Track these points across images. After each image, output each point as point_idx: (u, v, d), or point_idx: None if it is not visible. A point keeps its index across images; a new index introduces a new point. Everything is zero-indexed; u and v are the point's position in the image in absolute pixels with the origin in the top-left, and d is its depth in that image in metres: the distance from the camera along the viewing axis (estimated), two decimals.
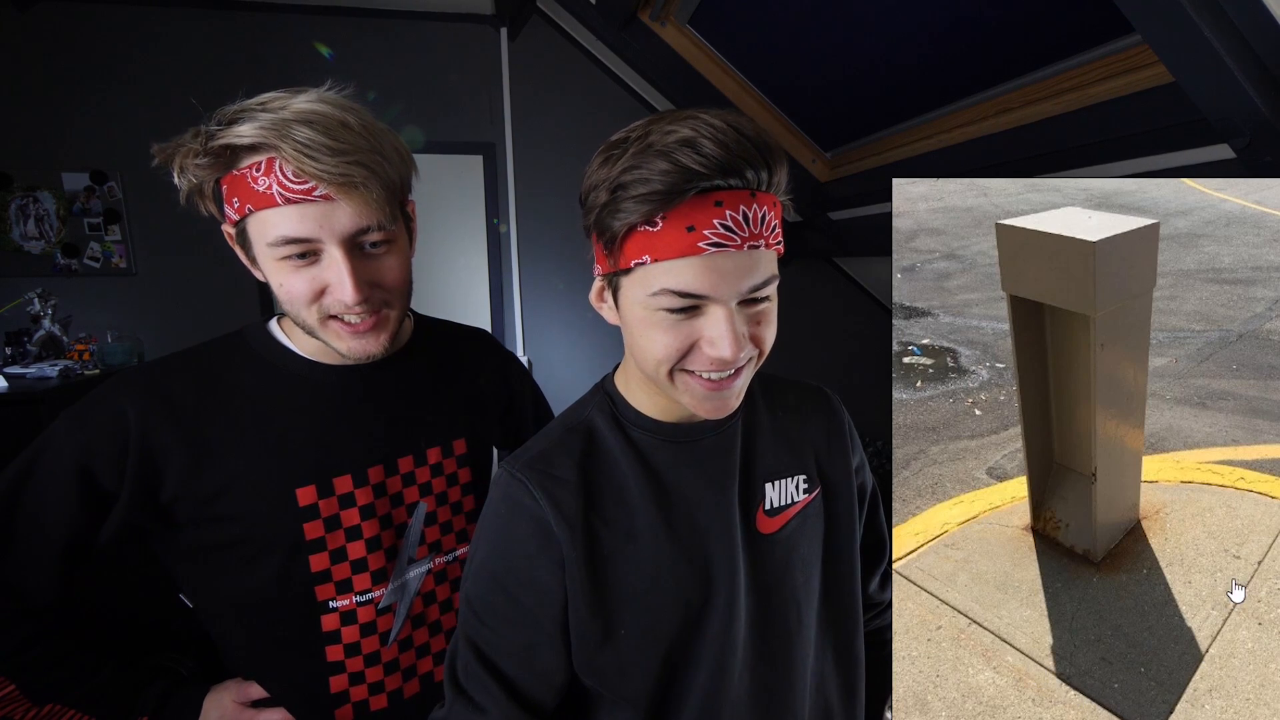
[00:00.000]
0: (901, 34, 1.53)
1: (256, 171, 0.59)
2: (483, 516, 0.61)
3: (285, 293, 0.64)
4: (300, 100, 0.61)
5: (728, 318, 0.51)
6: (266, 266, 0.64)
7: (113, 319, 2.52)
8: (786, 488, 0.65)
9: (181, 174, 0.63)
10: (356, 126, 0.62)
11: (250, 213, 0.61)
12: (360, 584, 0.72)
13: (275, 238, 0.61)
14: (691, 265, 0.50)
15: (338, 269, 0.62)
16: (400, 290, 0.69)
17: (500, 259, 2.81)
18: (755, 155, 0.50)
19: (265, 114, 0.59)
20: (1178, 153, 1.16)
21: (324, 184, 0.59)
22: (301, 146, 0.58)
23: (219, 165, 0.61)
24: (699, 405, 0.56)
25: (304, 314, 0.65)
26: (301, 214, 0.60)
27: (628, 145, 0.51)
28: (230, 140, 0.59)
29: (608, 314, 0.59)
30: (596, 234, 0.55)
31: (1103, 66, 1.22)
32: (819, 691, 0.67)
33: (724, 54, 2.10)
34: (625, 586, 0.58)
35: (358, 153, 0.60)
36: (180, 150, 0.62)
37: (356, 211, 0.61)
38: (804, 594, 0.64)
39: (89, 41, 2.39)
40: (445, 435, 0.79)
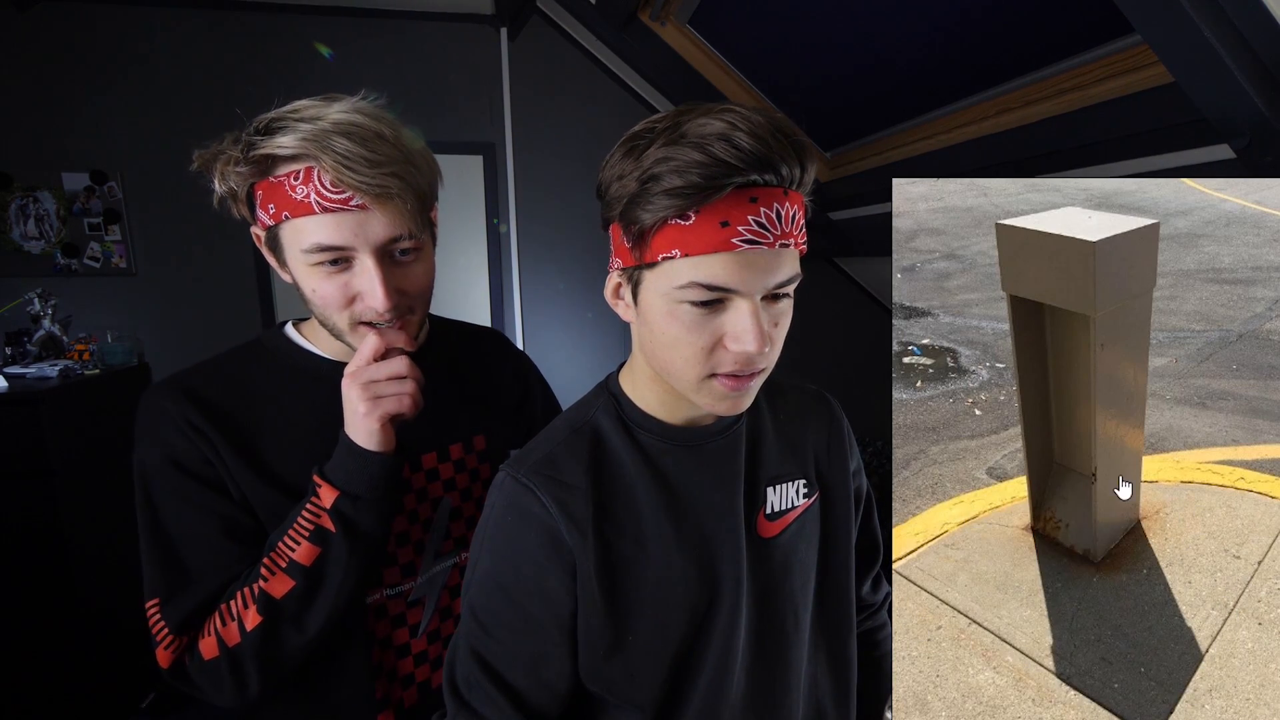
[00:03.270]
0: (901, 34, 1.53)
1: (295, 180, 0.61)
2: (484, 522, 0.60)
3: (319, 298, 0.66)
4: (337, 111, 0.63)
5: (753, 312, 0.50)
6: (298, 271, 0.66)
7: (113, 319, 2.52)
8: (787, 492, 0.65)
9: (221, 180, 0.65)
10: (391, 138, 0.64)
11: (286, 219, 0.63)
12: (390, 578, 0.74)
13: (311, 244, 0.63)
14: (722, 260, 0.49)
15: (369, 276, 0.64)
16: (424, 296, 0.72)
17: (500, 259, 2.80)
18: (790, 151, 0.49)
19: (305, 125, 0.61)
20: (1178, 153, 1.15)
21: (361, 194, 0.61)
22: (341, 158, 0.60)
23: (256, 172, 0.63)
24: (716, 404, 0.55)
25: (335, 318, 0.67)
26: (338, 222, 0.62)
27: (654, 136, 0.50)
28: (272, 151, 0.61)
29: (623, 311, 0.58)
30: (621, 226, 0.53)
31: (1103, 66, 1.22)
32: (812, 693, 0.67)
33: (724, 54, 2.09)
34: (635, 593, 0.57)
35: (393, 164, 0.62)
36: (221, 158, 0.64)
37: (390, 221, 0.63)
38: (801, 597, 0.64)
39: (89, 41, 2.39)
40: (467, 432, 0.81)
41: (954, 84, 1.58)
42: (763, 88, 2.16)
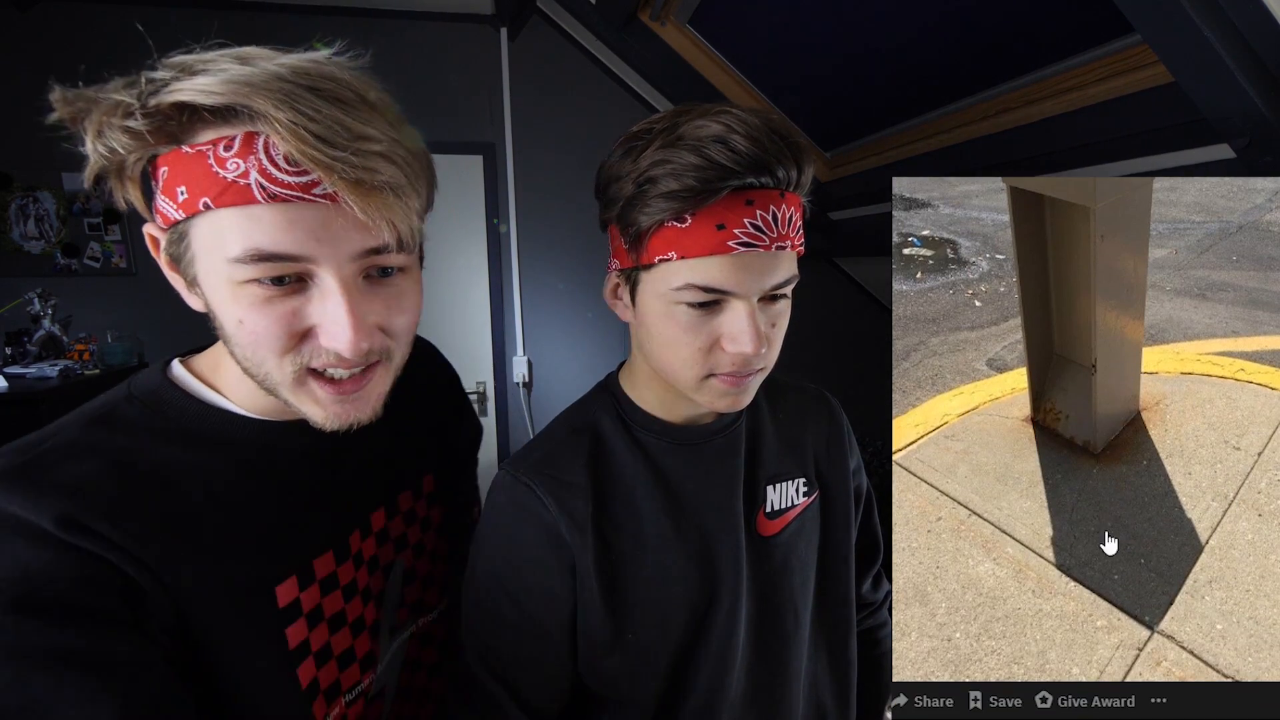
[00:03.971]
0: (901, 34, 1.53)
1: (225, 150, 0.40)
2: (484, 521, 0.60)
3: (247, 333, 0.43)
4: (299, 57, 0.43)
5: (749, 313, 0.50)
6: (217, 291, 0.43)
7: (113, 319, 2.51)
8: (787, 491, 0.65)
9: (98, 138, 0.42)
10: (380, 105, 0.44)
11: (205, 209, 0.41)
12: (349, 679, 0.56)
13: (243, 250, 0.41)
14: (719, 262, 0.49)
15: (334, 303, 0.43)
16: (409, 336, 0.52)
17: (500, 259, 2.80)
18: (787, 153, 0.49)
19: (245, 67, 0.40)
20: (1178, 153, 1.15)
21: (332, 177, 0.40)
22: (303, 118, 0.39)
23: (160, 134, 0.42)
24: (716, 401, 0.55)
25: (270, 366, 0.45)
26: (290, 219, 0.41)
27: (652, 137, 0.49)
28: (187, 97, 0.39)
29: (621, 311, 0.58)
30: (619, 228, 0.53)
31: (1103, 66, 1.22)
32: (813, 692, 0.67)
33: (724, 54, 2.09)
34: (635, 592, 0.57)
35: (384, 140, 0.42)
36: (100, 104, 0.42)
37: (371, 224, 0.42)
38: (800, 596, 0.65)
39: (89, 41, 2.39)
40: (414, 475, 0.64)
41: (954, 84, 1.58)
42: (763, 88, 2.16)
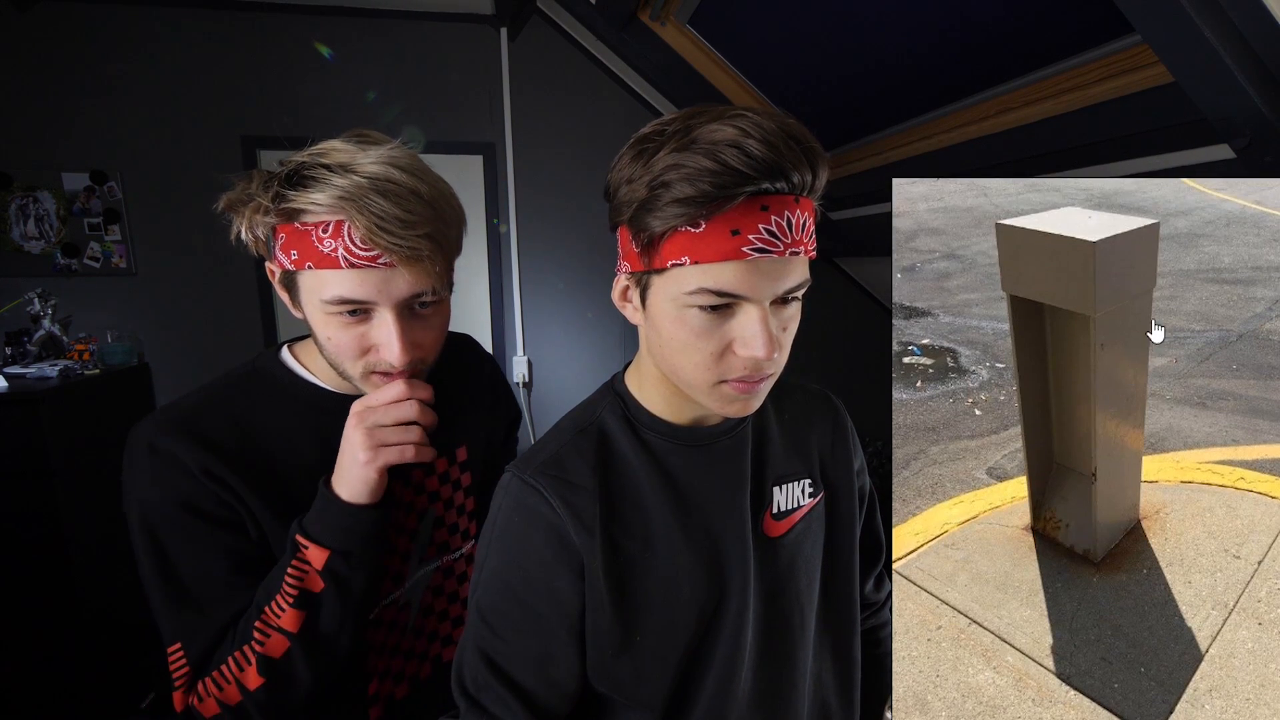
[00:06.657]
0: (902, 34, 1.53)
1: (323, 232, 0.60)
2: (491, 523, 0.60)
3: (333, 345, 0.65)
4: (371, 162, 0.60)
5: (762, 317, 0.50)
6: (314, 317, 0.65)
7: (113, 319, 2.51)
8: (793, 492, 0.65)
9: (248, 228, 0.64)
10: (426, 195, 0.62)
11: (309, 268, 0.62)
12: (386, 589, 0.76)
13: (333, 296, 0.61)
14: (732, 267, 0.48)
15: (388, 331, 0.64)
16: (439, 346, 0.72)
17: (500, 259, 2.80)
18: (802, 159, 0.48)
19: (338, 179, 0.59)
20: (1178, 153, 1.15)
21: (390, 255, 0.60)
22: (375, 219, 0.58)
23: (282, 217, 0.62)
24: (726, 407, 0.55)
25: (347, 366, 0.66)
26: (362, 279, 0.61)
27: (664, 140, 0.49)
28: (304, 206, 0.59)
29: (630, 313, 0.58)
30: (630, 231, 0.52)
31: (1103, 66, 1.22)
32: (817, 691, 0.67)
33: (724, 54, 2.09)
34: (643, 593, 0.57)
35: (426, 224, 0.61)
36: (249, 205, 0.62)
37: (415, 279, 0.63)
38: (806, 596, 0.65)
39: (89, 41, 2.39)
40: (450, 445, 0.81)
41: (954, 84, 1.58)
42: (763, 88, 2.16)
